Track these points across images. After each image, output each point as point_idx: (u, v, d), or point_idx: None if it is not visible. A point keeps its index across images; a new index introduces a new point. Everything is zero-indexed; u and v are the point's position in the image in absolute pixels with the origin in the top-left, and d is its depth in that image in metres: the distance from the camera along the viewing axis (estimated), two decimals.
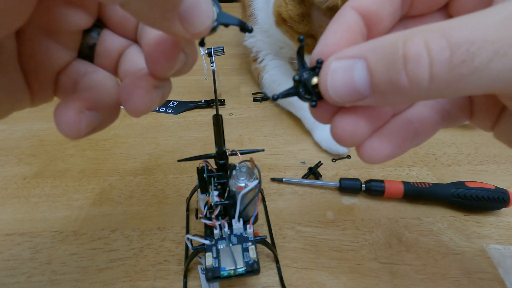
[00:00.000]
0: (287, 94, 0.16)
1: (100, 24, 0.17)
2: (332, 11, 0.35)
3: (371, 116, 0.16)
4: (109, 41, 0.17)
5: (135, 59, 0.17)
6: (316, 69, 0.15)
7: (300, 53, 0.16)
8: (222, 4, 0.14)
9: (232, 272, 0.24)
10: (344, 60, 0.13)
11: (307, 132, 0.47)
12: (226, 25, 0.14)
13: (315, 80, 0.15)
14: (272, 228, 0.34)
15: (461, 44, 0.11)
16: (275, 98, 0.16)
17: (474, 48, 0.11)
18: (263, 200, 0.36)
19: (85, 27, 0.17)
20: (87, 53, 0.17)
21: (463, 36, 0.11)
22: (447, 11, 0.17)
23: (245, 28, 0.14)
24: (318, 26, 0.37)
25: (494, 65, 0.11)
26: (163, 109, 0.52)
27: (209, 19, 0.13)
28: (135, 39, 0.18)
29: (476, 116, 0.18)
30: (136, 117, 0.15)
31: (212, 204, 0.26)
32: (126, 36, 0.18)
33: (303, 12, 0.38)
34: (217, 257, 0.25)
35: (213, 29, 0.13)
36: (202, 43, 0.14)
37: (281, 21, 0.41)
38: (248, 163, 0.27)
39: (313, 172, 0.40)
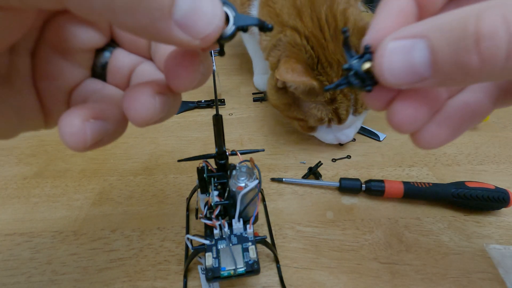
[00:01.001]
0: (338, 85, 0.15)
1: (112, 43, 0.18)
2: (310, 93, 0.36)
3: (429, 100, 0.15)
4: (121, 59, 0.17)
5: (146, 75, 0.17)
6: (365, 54, 0.14)
7: (346, 44, 0.15)
8: None
9: (232, 272, 0.24)
10: (402, 40, 0.12)
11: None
12: (245, 29, 0.13)
13: (366, 65, 0.14)
14: (272, 228, 0.34)
15: None
16: (326, 89, 0.15)
17: None
18: (263, 200, 0.36)
19: (98, 46, 0.17)
20: (99, 72, 0.18)
21: None
22: None
23: (264, 27, 0.13)
24: (307, 109, 0.39)
25: None
26: None
27: (215, 20, 0.11)
28: (148, 56, 0.18)
29: None
30: (140, 126, 0.14)
31: (212, 204, 0.26)
32: (139, 53, 0.18)
33: (288, 102, 0.39)
34: (217, 257, 0.25)
35: (231, 36, 0.12)
36: (222, 53, 0.14)
37: (274, 106, 0.42)
38: (248, 163, 0.27)
39: (313, 172, 0.40)
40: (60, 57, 0.16)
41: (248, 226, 0.27)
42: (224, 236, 0.26)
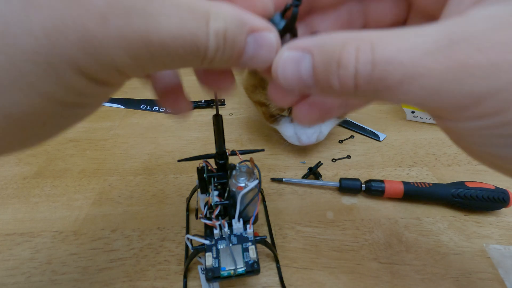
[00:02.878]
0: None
1: None
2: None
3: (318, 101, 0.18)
4: None
5: None
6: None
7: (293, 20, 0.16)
8: None
9: (232, 272, 0.24)
10: (295, 51, 0.14)
11: None
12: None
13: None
14: (272, 228, 0.34)
15: (381, 62, 0.12)
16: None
17: (390, 68, 0.12)
18: (263, 200, 0.36)
19: None
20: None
21: (385, 54, 0.12)
22: None
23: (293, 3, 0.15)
24: (266, 95, 0.39)
25: (405, 87, 0.12)
26: (163, 109, 0.52)
27: (271, 55, 0.15)
28: None
29: None
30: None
31: (212, 204, 0.26)
32: None
33: (255, 83, 0.40)
34: (217, 257, 0.25)
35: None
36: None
37: (244, 87, 0.43)
38: (248, 163, 0.27)
39: (313, 172, 0.40)
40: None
41: (248, 226, 0.27)
42: (224, 236, 0.26)
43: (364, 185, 0.36)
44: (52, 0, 0.11)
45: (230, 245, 0.26)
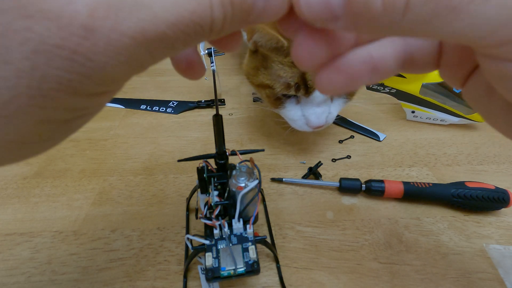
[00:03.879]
0: None
1: None
2: (278, 51, 0.35)
3: (332, 40, 0.15)
4: None
5: None
6: None
7: None
8: None
9: (232, 272, 0.24)
10: None
11: (307, 132, 0.47)
12: None
13: None
14: (272, 228, 0.34)
15: None
16: None
17: None
18: (263, 200, 0.36)
19: None
20: None
21: None
22: None
23: None
24: (276, 76, 0.36)
25: (473, 8, 0.10)
26: (163, 109, 0.52)
27: (283, 3, 0.13)
28: None
29: (443, 68, 0.17)
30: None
31: (212, 204, 0.26)
32: None
33: (256, 65, 0.38)
34: (217, 257, 0.25)
35: None
36: None
37: (245, 75, 0.41)
38: (248, 163, 0.27)
39: (313, 172, 0.40)
40: None
41: (248, 226, 0.27)
42: (224, 236, 0.26)
43: (364, 185, 0.36)
44: (32, 25, 0.10)
45: (230, 245, 0.26)
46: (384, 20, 0.11)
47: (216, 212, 0.26)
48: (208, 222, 0.26)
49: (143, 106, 0.53)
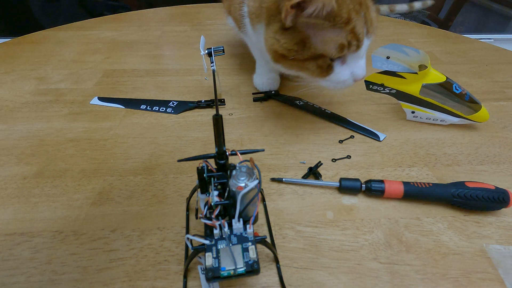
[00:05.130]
0: None
1: None
2: (329, 17, 0.34)
3: None
4: None
5: None
6: None
7: None
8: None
9: (232, 272, 0.24)
10: None
11: (307, 132, 0.47)
12: None
13: None
14: (272, 228, 0.34)
15: None
16: None
17: None
18: (263, 200, 0.36)
19: None
20: None
21: None
22: None
23: None
24: (322, 41, 0.36)
25: None
26: (163, 109, 0.52)
27: None
28: None
29: None
30: None
31: (212, 204, 0.26)
32: None
33: (301, 39, 0.37)
34: (217, 257, 0.25)
35: None
36: None
37: (280, 57, 0.39)
38: (248, 163, 0.27)
39: (313, 172, 0.40)
40: None
41: (248, 226, 0.27)
42: (224, 236, 0.26)
43: (364, 185, 0.36)
44: None
45: (230, 245, 0.26)
46: None
47: (216, 212, 0.26)
48: (208, 222, 0.26)
49: (143, 106, 0.53)
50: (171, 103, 0.54)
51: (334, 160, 0.43)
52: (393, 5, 1.30)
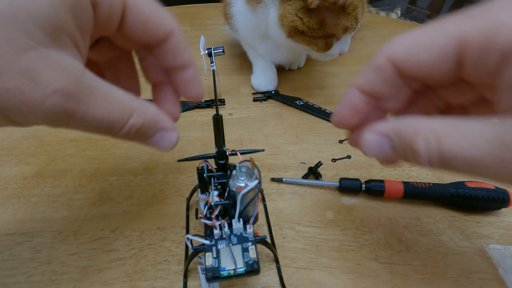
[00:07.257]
0: None
1: None
2: (345, 5, 0.40)
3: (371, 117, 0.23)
4: None
5: None
6: None
7: None
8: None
9: (232, 272, 0.24)
10: (375, 136, 0.20)
11: (307, 132, 0.47)
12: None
13: None
14: (272, 228, 0.34)
15: (447, 155, 0.16)
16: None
17: (455, 161, 0.16)
18: (263, 200, 0.36)
19: None
20: None
21: (451, 149, 0.16)
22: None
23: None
24: (333, 25, 0.42)
25: (468, 171, 0.16)
26: None
27: (171, 145, 0.23)
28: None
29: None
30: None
31: (212, 204, 0.26)
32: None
33: (320, 19, 0.42)
34: (217, 257, 0.25)
35: None
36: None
37: (296, 33, 0.44)
38: (248, 163, 0.27)
39: (313, 172, 0.40)
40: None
41: (248, 226, 0.27)
42: (224, 236, 0.26)
43: (364, 185, 0.36)
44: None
45: (230, 245, 0.26)
46: (420, 165, 0.18)
47: (216, 212, 0.26)
48: (208, 222, 0.26)
49: None
50: None
51: (334, 160, 0.43)
52: None
